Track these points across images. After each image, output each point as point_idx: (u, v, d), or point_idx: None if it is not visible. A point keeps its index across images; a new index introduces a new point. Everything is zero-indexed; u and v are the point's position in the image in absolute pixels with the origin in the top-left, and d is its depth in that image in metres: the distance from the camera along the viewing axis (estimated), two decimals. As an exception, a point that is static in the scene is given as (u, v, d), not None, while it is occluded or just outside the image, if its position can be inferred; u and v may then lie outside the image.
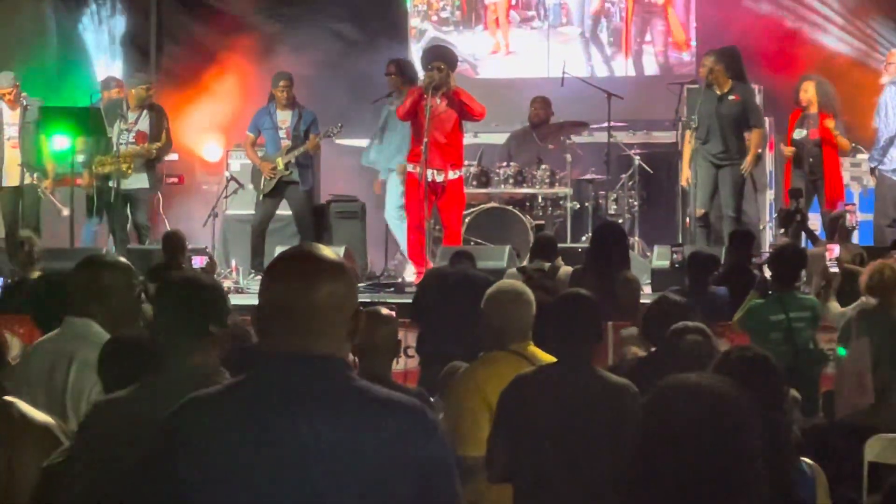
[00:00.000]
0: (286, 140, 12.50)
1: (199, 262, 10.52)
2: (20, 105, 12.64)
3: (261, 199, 12.65)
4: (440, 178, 11.31)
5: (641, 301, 8.41)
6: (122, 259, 4.83)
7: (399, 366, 8.39)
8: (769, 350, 5.19)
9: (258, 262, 12.23)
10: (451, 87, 11.35)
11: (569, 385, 4.74)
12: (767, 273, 8.70)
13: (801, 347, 7.74)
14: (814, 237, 11.35)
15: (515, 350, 5.25)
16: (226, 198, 13.40)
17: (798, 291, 8.26)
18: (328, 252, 2.75)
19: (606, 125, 12.93)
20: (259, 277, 8.59)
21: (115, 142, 12.43)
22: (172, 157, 13.58)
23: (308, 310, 2.67)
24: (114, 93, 13.35)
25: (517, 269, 9.51)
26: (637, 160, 13.30)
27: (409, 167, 11.46)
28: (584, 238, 12.57)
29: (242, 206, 13.24)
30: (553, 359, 5.02)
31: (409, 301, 9.09)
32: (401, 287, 11.54)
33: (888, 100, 12.22)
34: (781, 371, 4.55)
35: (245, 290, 11.75)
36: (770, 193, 13.57)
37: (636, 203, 13.24)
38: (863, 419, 6.82)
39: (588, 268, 8.49)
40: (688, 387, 2.57)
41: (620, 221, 12.49)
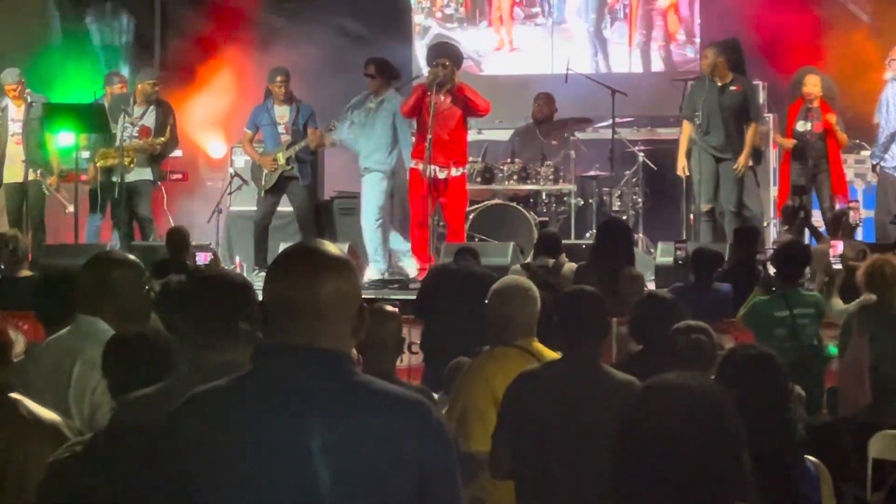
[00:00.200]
0: (285, 135, 12.47)
1: (203, 259, 10.50)
2: (25, 101, 12.63)
3: (262, 196, 12.64)
4: (443, 175, 11.30)
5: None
6: (131, 256, 4.83)
7: (403, 362, 8.38)
8: (773, 347, 5.19)
9: (262, 259, 12.23)
10: (456, 84, 11.34)
11: (573, 382, 4.72)
12: (771, 270, 8.70)
13: (805, 344, 7.74)
14: (818, 234, 11.34)
15: (521, 346, 5.24)
16: (229, 194, 13.40)
17: (802, 288, 8.26)
18: (332, 248, 2.75)
19: (610, 122, 12.92)
20: (263, 274, 8.58)
21: (119, 136, 12.43)
22: (176, 154, 13.57)
23: (312, 306, 2.67)
24: (117, 88, 13.36)
25: (521, 266, 9.50)
26: (641, 156, 13.30)
27: (413, 163, 11.44)
28: (588, 234, 12.57)
29: (246, 203, 13.23)
30: (557, 355, 5.02)
31: (413, 297, 9.09)
32: (405, 284, 11.54)
33: (890, 96, 12.20)
34: (785, 369, 4.54)
35: (249, 287, 11.71)
36: (773, 190, 13.55)
37: (640, 199, 13.24)
38: (866, 416, 6.83)
39: (592, 264, 8.49)
40: (669, 387, 2.55)
41: (624, 218, 12.46)
